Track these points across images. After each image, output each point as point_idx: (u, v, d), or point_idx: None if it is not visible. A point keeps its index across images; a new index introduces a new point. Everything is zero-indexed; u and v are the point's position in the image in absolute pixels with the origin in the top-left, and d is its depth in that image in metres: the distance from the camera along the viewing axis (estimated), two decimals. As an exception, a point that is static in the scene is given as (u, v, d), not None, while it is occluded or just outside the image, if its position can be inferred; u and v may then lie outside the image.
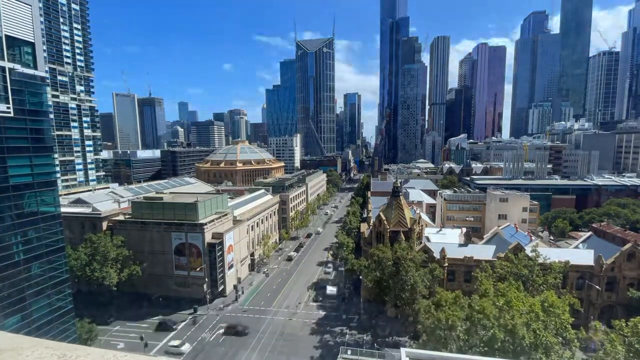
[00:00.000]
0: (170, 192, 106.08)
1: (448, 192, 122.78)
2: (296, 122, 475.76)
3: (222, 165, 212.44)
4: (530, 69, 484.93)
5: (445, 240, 79.16)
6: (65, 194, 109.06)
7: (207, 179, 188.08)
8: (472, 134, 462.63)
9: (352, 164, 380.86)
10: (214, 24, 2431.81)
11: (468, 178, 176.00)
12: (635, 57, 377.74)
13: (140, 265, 77.16)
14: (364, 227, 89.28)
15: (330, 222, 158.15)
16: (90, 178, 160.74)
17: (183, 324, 69.43)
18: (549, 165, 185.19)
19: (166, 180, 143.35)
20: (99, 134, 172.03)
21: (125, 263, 75.53)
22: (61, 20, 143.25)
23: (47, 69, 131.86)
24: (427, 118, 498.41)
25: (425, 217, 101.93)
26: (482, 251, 69.64)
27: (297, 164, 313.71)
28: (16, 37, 47.54)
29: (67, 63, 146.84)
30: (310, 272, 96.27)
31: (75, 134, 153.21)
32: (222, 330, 66.21)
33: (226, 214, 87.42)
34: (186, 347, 60.82)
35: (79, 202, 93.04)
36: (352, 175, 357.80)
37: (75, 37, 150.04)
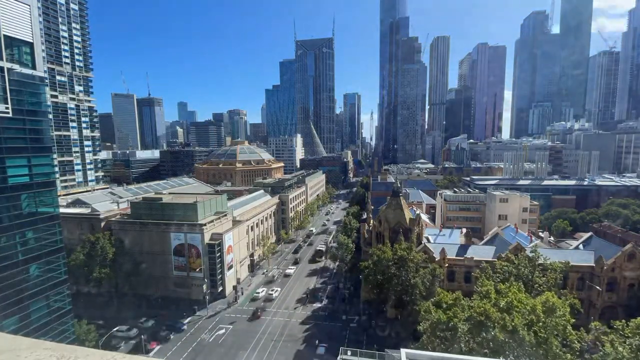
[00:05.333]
0: (170, 193, 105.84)
1: (448, 192, 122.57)
2: (296, 122, 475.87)
3: (221, 165, 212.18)
4: (530, 69, 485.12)
5: (445, 240, 79.00)
6: (64, 195, 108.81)
7: (207, 180, 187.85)
8: (472, 134, 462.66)
9: (351, 165, 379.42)
10: (213, 23, 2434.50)
11: (468, 178, 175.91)
12: (636, 57, 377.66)
13: (139, 265, 76.88)
14: (363, 228, 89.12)
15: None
16: (89, 178, 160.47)
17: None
18: (549, 166, 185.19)
19: (165, 181, 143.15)
20: (98, 135, 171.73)
21: (123, 264, 75.28)
22: (60, 20, 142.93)
23: (45, 69, 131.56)
24: (427, 118, 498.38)
25: (425, 218, 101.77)
26: (483, 252, 69.47)
27: (297, 164, 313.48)
28: (15, 37, 47.29)
29: (66, 63, 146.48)
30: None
31: (74, 134, 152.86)
32: (222, 331, 66.03)
33: (225, 215, 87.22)
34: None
35: (77, 202, 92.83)
36: (350, 177, 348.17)
37: (74, 37, 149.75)
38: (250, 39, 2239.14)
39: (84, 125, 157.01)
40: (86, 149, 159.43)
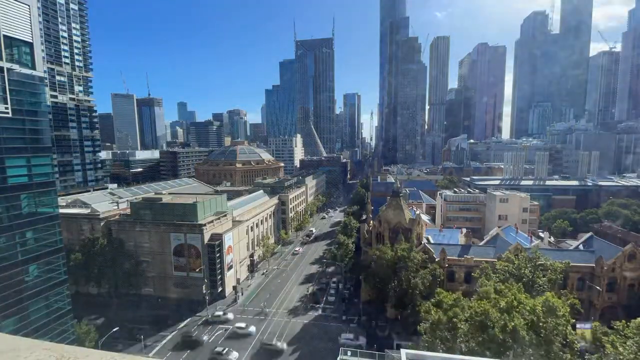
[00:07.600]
0: (169, 193, 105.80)
1: (448, 192, 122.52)
2: (296, 123, 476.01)
3: (221, 165, 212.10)
4: (530, 69, 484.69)
5: (445, 241, 78.93)
6: (63, 195, 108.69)
7: (207, 180, 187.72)
8: (472, 134, 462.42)
9: (349, 166, 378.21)
10: (213, 23, 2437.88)
11: (468, 178, 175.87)
12: (636, 57, 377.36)
13: (138, 266, 76.84)
14: (363, 228, 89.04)
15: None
16: (88, 179, 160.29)
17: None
18: (549, 166, 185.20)
19: (165, 181, 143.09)
20: (98, 135, 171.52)
21: (123, 264, 75.23)
22: (59, 20, 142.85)
23: (45, 69, 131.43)
24: (427, 118, 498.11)
25: (425, 218, 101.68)
26: (483, 252, 69.43)
27: (297, 164, 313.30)
28: (14, 37, 47.24)
29: (66, 63, 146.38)
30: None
31: (73, 134, 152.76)
32: (222, 331, 65.94)
33: (225, 215, 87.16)
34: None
35: (77, 202, 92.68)
36: (348, 178, 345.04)
37: (74, 37, 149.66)
38: (250, 39, 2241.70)
39: (83, 125, 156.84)
40: (86, 149, 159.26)
